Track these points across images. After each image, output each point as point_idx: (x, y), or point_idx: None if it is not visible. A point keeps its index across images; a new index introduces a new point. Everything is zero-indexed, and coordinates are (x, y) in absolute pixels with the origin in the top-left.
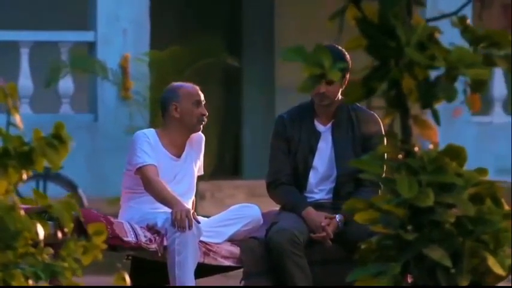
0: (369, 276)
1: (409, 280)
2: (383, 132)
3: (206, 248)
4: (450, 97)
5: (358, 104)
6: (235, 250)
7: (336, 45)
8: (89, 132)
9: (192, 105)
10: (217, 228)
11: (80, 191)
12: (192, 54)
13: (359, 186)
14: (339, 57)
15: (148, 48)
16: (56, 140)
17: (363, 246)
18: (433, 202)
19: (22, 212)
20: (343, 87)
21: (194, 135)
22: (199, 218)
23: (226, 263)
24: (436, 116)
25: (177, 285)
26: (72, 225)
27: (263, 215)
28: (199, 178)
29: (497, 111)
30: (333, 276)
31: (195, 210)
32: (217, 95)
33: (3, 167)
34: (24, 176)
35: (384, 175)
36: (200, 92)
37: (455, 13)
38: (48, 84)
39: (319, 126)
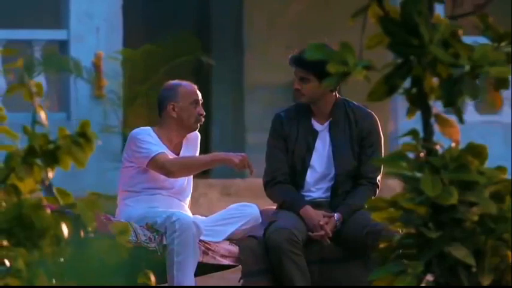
0: (391, 275)
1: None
2: (380, 130)
3: (205, 247)
4: (475, 95)
5: (355, 102)
6: (234, 249)
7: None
8: None
9: (190, 105)
10: (216, 227)
11: (54, 190)
12: (165, 52)
13: (356, 184)
14: None
15: (121, 46)
16: (82, 138)
17: (382, 245)
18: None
19: (48, 211)
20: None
21: (190, 134)
22: (197, 216)
23: (225, 262)
24: (459, 114)
25: (175, 285)
26: (95, 224)
27: (260, 213)
28: None
29: (470, 110)
30: (332, 275)
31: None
32: None
33: (29, 165)
34: (50, 175)
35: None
36: (198, 91)
37: (473, 12)
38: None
39: (317, 125)
